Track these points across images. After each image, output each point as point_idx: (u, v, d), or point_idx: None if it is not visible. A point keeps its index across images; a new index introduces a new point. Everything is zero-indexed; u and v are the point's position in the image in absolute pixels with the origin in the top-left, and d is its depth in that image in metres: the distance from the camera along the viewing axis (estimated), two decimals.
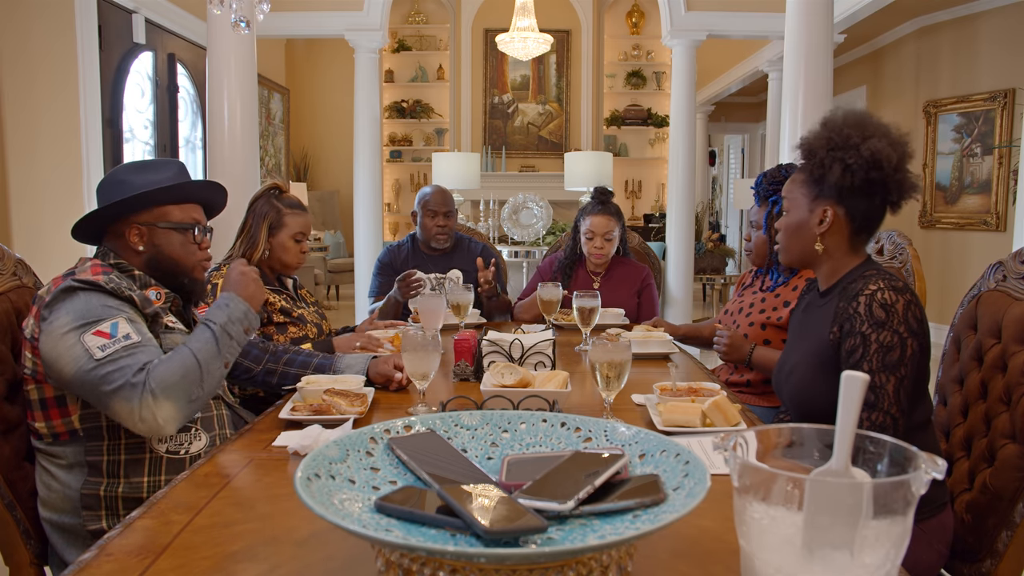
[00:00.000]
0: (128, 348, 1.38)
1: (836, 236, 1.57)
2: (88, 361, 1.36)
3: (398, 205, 9.14)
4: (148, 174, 1.61)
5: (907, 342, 1.43)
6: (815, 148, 1.54)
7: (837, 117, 1.55)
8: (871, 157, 1.48)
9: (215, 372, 1.46)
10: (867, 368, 1.42)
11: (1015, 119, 5.63)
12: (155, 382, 1.36)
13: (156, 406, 1.36)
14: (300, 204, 2.34)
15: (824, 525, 0.69)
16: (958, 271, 6.12)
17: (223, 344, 1.49)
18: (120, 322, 1.41)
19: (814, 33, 3.98)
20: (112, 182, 1.61)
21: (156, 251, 1.60)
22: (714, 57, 8.29)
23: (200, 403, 1.44)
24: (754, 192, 2.33)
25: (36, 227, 3.92)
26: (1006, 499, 1.43)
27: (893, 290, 1.45)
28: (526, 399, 1.51)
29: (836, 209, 1.55)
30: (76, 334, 1.38)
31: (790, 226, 1.62)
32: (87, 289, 1.43)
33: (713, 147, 12.15)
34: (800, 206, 1.59)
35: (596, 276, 2.99)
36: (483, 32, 8.73)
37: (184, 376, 1.39)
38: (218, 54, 4.14)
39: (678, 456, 0.90)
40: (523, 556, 0.71)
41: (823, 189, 1.55)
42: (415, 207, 3.15)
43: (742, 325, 2.25)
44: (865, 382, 0.73)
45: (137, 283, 1.57)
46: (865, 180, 1.50)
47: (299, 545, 0.97)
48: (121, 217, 1.58)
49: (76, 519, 1.48)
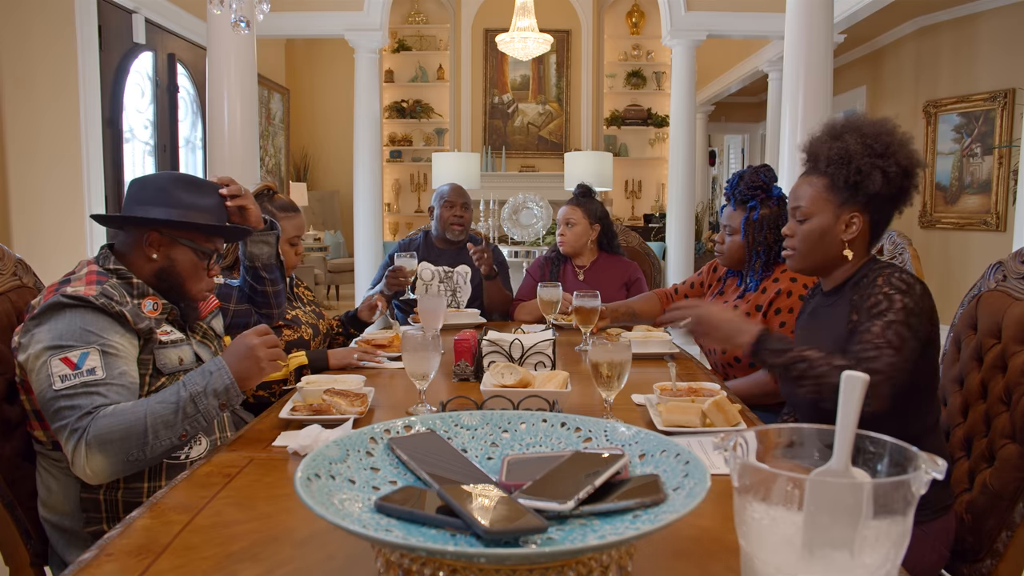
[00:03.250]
0: (87, 385, 1.33)
1: (858, 242, 1.57)
2: (48, 389, 1.33)
3: (398, 205, 9.14)
4: (193, 194, 1.58)
5: (923, 320, 1.44)
6: (852, 154, 1.51)
7: (863, 122, 1.53)
8: (908, 165, 1.49)
9: (163, 441, 1.34)
10: (892, 319, 1.41)
11: (1015, 119, 5.63)
12: (93, 433, 1.30)
13: (88, 456, 1.30)
14: (293, 205, 2.34)
15: (824, 525, 0.69)
16: (958, 271, 6.12)
17: (185, 415, 1.35)
18: (91, 353, 1.35)
19: (814, 33, 3.98)
20: (153, 187, 1.56)
21: (169, 264, 1.56)
22: (714, 57, 8.30)
23: (141, 464, 1.35)
24: (727, 195, 2.31)
25: (36, 227, 3.93)
26: (1006, 499, 1.43)
27: (910, 275, 1.48)
28: (526, 399, 1.51)
29: (863, 216, 1.55)
30: (47, 354, 1.34)
31: (812, 233, 1.58)
32: (75, 306, 1.39)
33: (713, 147, 12.15)
34: (824, 212, 1.56)
35: (581, 269, 3.04)
36: (483, 32, 8.73)
37: (125, 437, 1.31)
38: (218, 54, 4.15)
39: (678, 456, 0.90)
40: (523, 556, 0.71)
41: (854, 196, 1.53)
42: (432, 202, 3.23)
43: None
44: (865, 382, 0.73)
45: (134, 291, 1.52)
46: (899, 189, 1.51)
47: (299, 545, 0.97)
48: (153, 223, 1.55)
49: (76, 521, 1.48)
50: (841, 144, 1.53)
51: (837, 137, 1.55)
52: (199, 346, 1.65)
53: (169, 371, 1.53)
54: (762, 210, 2.22)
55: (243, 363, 1.41)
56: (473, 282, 3.14)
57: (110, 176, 4.51)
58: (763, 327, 1.55)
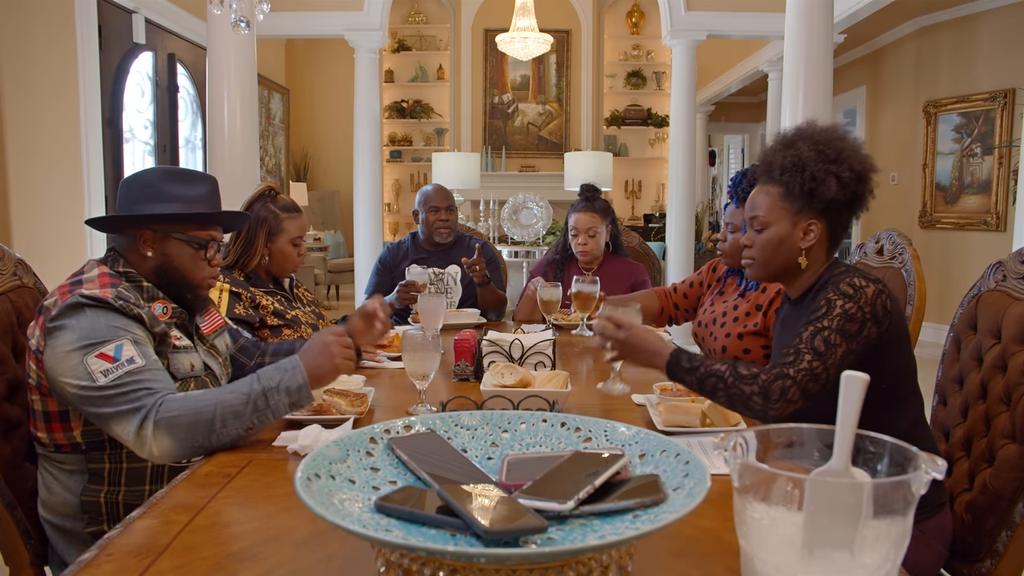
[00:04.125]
0: (132, 373, 1.35)
1: (817, 248, 1.57)
2: (90, 387, 1.33)
3: (398, 205, 9.13)
4: (181, 186, 1.56)
5: (867, 324, 1.44)
6: (805, 162, 1.51)
7: (815, 129, 1.54)
8: (861, 170, 1.50)
9: (231, 431, 1.34)
10: (825, 325, 1.42)
11: (1015, 119, 5.63)
12: (163, 414, 1.32)
13: (155, 437, 1.32)
14: (295, 206, 2.34)
15: (824, 525, 0.69)
16: (958, 271, 6.12)
17: (255, 408, 1.35)
18: (125, 344, 1.37)
19: (814, 33, 3.98)
20: (143, 184, 1.55)
21: (165, 260, 1.55)
22: (714, 57, 8.29)
23: (205, 451, 1.36)
24: (731, 193, 2.31)
25: (36, 227, 3.93)
26: (1006, 499, 1.43)
27: (863, 277, 1.47)
28: (526, 399, 1.51)
29: (820, 222, 1.54)
30: (80, 354, 1.35)
31: (771, 241, 1.57)
32: (95, 306, 1.39)
33: (713, 147, 12.15)
34: (781, 220, 1.56)
35: (587, 272, 2.98)
36: (483, 32, 8.73)
37: (193, 423, 1.32)
38: (218, 54, 4.15)
39: (678, 456, 0.90)
40: (523, 556, 0.71)
41: (810, 203, 1.53)
42: (416, 205, 3.18)
43: (719, 337, 2.21)
44: (865, 382, 0.73)
45: (144, 295, 1.53)
46: (854, 193, 1.51)
47: (299, 545, 0.97)
48: (142, 220, 1.55)
49: (77, 522, 1.48)
50: (794, 152, 1.53)
51: (789, 145, 1.56)
52: (207, 355, 1.65)
53: (182, 376, 1.53)
54: None
55: (318, 359, 1.43)
56: (463, 282, 3.13)
57: (110, 176, 4.51)
58: (675, 349, 1.55)
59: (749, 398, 1.43)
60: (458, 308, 3.03)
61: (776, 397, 1.41)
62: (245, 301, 2.18)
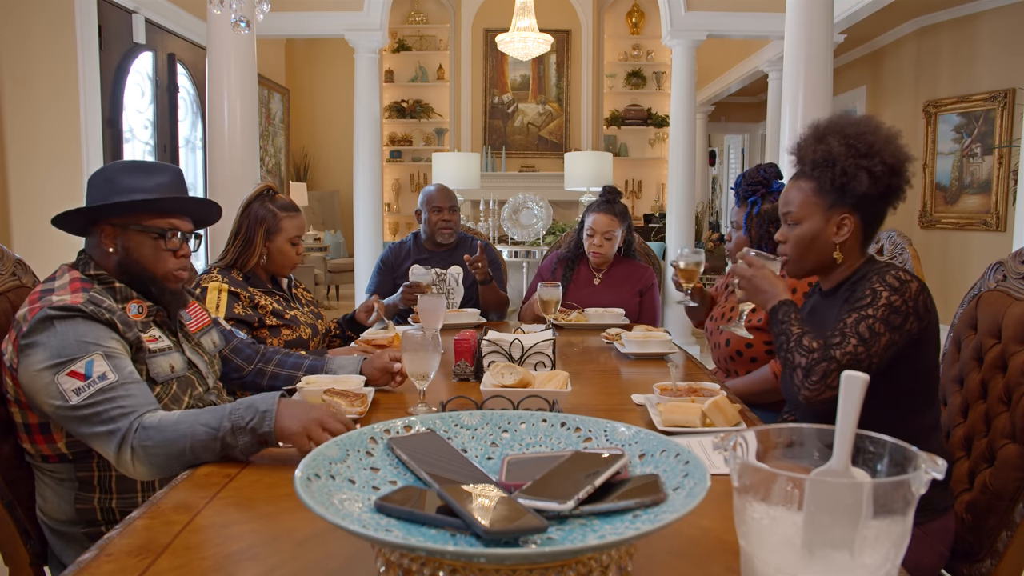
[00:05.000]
0: (104, 391, 1.31)
1: (851, 242, 1.57)
2: (63, 406, 1.31)
3: (398, 205, 9.13)
4: (139, 177, 1.52)
5: (910, 318, 1.44)
6: (835, 156, 1.50)
7: (846, 123, 1.53)
8: (894, 163, 1.49)
9: (206, 459, 1.29)
10: (871, 313, 1.42)
11: (1015, 119, 5.63)
12: (140, 441, 1.29)
13: (134, 461, 1.30)
14: (294, 205, 2.34)
15: (824, 525, 0.69)
16: (958, 271, 6.12)
17: (223, 444, 1.28)
18: (96, 359, 1.33)
19: (814, 33, 3.98)
20: (101, 179, 1.53)
21: (125, 254, 1.51)
22: (714, 57, 8.29)
23: (180, 471, 1.30)
24: (734, 193, 2.34)
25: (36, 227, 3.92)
26: (1006, 499, 1.43)
27: (906, 272, 1.48)
28: (526, 399, 1.51)
29: (853, 216, 1.54)
30: (51, 373, 1.32)
31: (804, 237, 1.57)
32: (64, 317, 1.36)
33: (713, 147, 12.15)
34: (814, 216, 1.56)
35: (597, 273, 2.97)
36: (483, 32, 8.73)
37: (168, 454, 1.29)
38: (218, 54, 4.15)
39: (678, 456, 0.90)
40: (523, 556, 0.71)
41: (843, 198, 1.53)
42: (419, 205, 3.18)
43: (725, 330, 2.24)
44: (865, 382, 0.73)
45: (118, 296, 1.50)
46: (887, 187, 1.50)
47: (299, 545, 0.97)
48: (99, 215, 1.52)
49: (74, 527, 1.48)
50: (824, 147, 1.52)
51: (820, 139, 1.55)
52: (192, 353, 1.63)
53: (162, 380, 1.51)
54: (763, 205, 2.24)
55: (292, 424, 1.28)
56: (465, 283, 3.13)
57: None
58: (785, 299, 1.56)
59: (794, 369, 1.47)
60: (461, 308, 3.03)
61: (816, 379, 1.42)
62: (244, 301, 2.18)
